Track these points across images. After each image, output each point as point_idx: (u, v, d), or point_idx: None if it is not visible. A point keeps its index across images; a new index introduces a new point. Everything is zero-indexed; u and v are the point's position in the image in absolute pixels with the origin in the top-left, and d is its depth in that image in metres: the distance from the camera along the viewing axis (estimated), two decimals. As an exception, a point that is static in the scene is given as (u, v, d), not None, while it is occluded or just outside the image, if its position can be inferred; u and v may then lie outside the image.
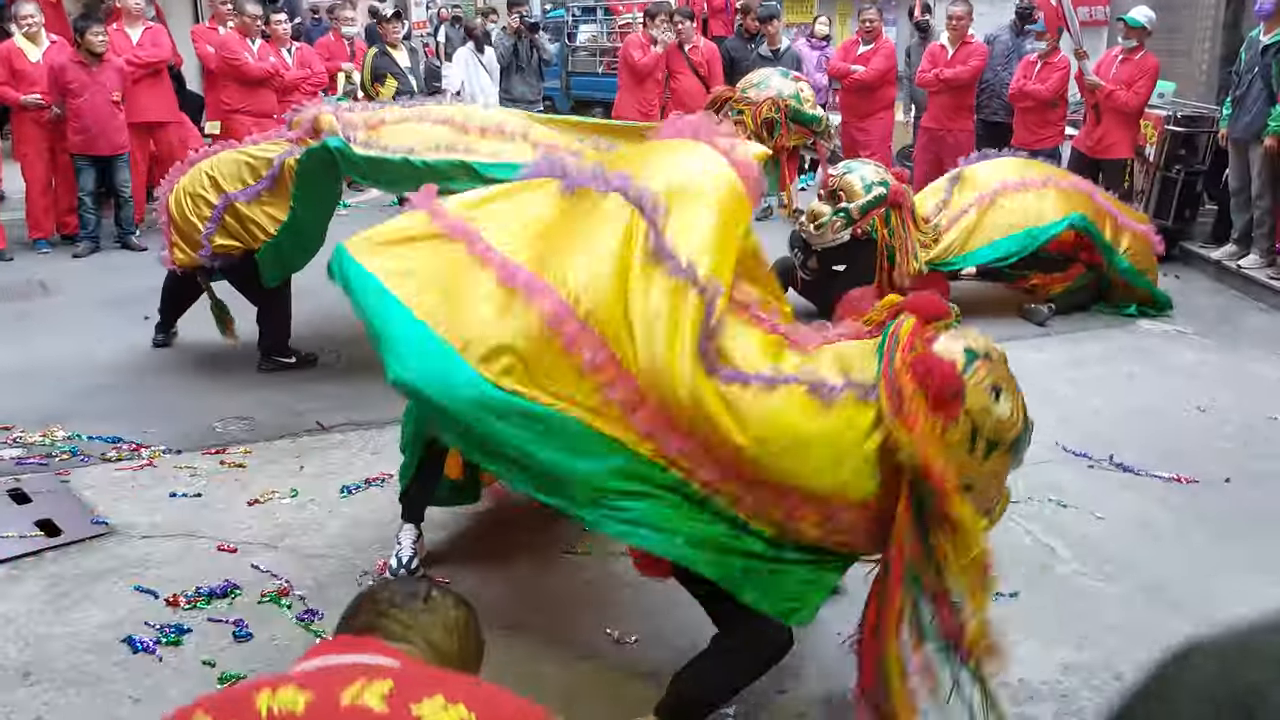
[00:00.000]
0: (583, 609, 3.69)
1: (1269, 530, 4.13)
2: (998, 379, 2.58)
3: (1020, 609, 3.62)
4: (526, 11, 10.94)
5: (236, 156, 5.64)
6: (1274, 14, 7.47)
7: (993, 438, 2.56)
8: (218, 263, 5.70)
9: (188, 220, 5.60)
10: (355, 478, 4.67)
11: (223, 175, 5.59)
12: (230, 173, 5.58)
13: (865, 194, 6.63)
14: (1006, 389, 2.59)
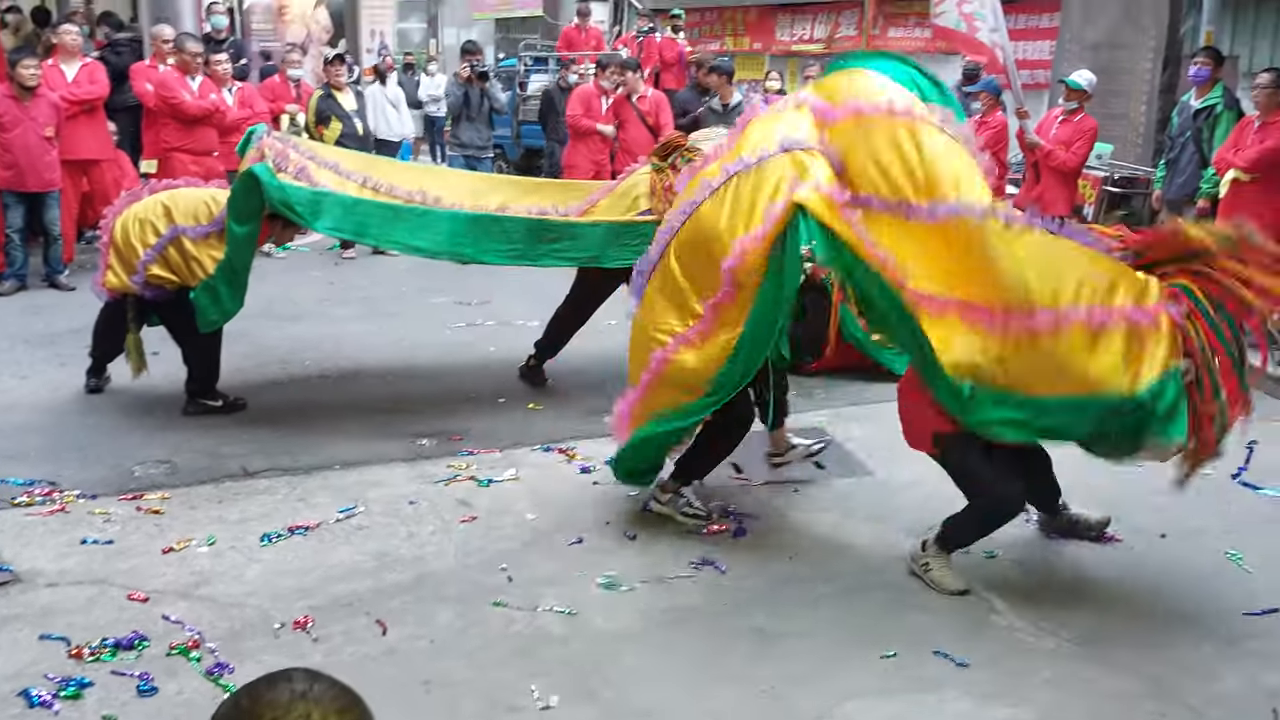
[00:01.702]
0: (507, 663, 3.56)
1: (1201, 585, 4.10)
2: None
3: (953, 664, 3.55)
4: (478, 61, 10.93)
5: (199, 194, 5.63)
6: (1208, 80, 7.64)
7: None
8: (148, 293, 5.56)
9: (129, 244, 5.48)
10: (278, 525, 4.52)
11: (178, 208, 5.54)
12: (187, 208, 5.54)
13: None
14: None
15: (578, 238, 5.86)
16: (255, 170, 5.21)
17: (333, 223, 5.44)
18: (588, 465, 5.22)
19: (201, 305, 5.47)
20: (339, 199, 5.44)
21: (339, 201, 5.42)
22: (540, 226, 5.81)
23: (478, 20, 21.83)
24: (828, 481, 5.14)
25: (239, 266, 5.43)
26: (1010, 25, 11.69)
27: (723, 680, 3.49)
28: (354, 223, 5.50)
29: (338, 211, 5.40)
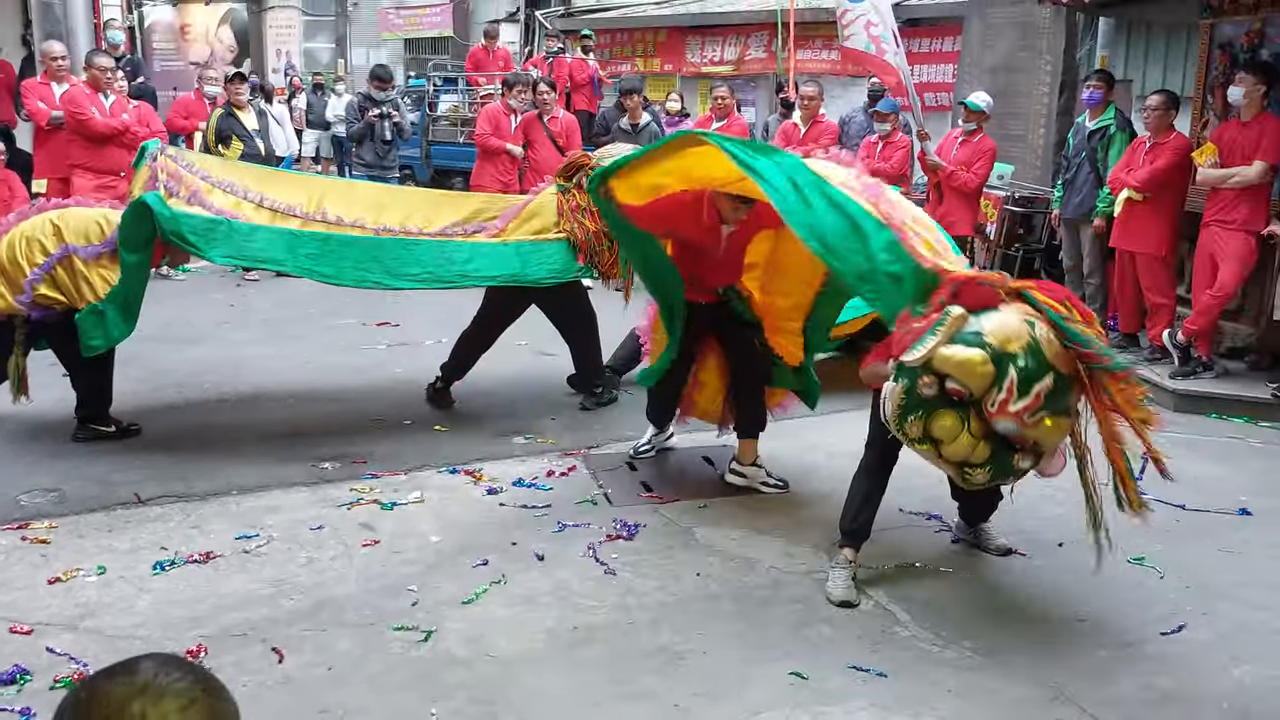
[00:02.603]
0: (407, 688, 3.47)
1: (1097, 593, 4.18)
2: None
3: (858, 675, 3.56)
4: (385, 99, 10.69)
5: (91, 213, 5.44)
6: (1100, 102, 7.88)
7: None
8: (36, 314, 5.35)
9: (15, 262, 5.27)
10: (171, 554, 4.36)
11: (68, 227, 5.34)
12: (78, 227, 5.35)
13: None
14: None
15: (491, 256, 5.79)
16: (146, 199, 5.09)
17: (228, 251, 5.30)
18: (494, 487, 5.15)
19: (85, 329, 5.28)
20: (234, 227, 5.30)
21: (235, 229, 5.29)
22: (450, 249, 5.73)
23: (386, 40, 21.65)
24: (737, 497, 5.14)
25: (131, 294, 5.28)
26: (915, 49, 12.02)
27: (629, 699, 3.45)
28: (252, 251, 5.36)
29: (235, 240, 5.26)
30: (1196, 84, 7.93)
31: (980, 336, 3.62)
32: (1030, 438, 3.68)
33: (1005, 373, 3.57)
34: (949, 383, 3.63)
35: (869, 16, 8.56)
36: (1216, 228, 6.92)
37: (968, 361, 3.59)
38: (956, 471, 3.81)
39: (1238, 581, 4.31)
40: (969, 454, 3.71)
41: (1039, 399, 3.57)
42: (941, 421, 3.68)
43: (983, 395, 3.62)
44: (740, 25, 14.91)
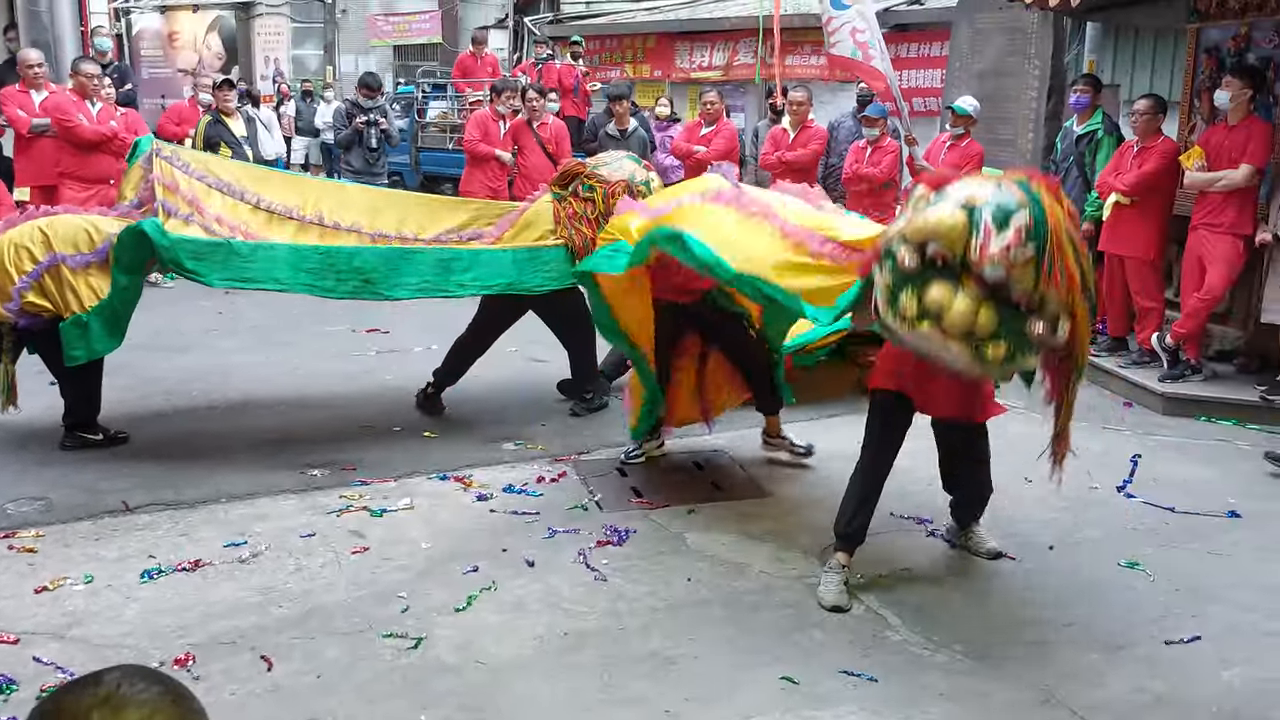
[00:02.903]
0: (396, 696, 3.45)
1: (1088, 596, 4.18)
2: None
3: (849, 680, 3.56)
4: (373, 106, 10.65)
5: (79, 222, 5.41)
6: (1088, 107, 7.91)
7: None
8: (23, 322, 5.32)
9: (4, 270, 5.24)
10: (159, 562, 4.34)
11: (57, 235, 5.31)
12: (67, 236, 5.32)
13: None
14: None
15: (489, 264, 5.78)
16: (144, 226, 5.07)
17: (227, 275, 5.26)
18: (484, 493, 5.14)
19: (69, 339, 5.23)
20: (233, 248, 5.25)
21: (234, 251, 5.24)
22: (450, 256, 5.72)
23: (375, 47, 21.62)
24: (726, 503, 5.14)
25: (118, 311, 5.26)
26: (903, 54, 12.06)
27: (620, 705, 3.44)
28: (251, 273, 5.29)
29: (234, 264, 5.21)
30: (1184, 88, 7.95)
31: (945, 198, 3.56)
32: (1025, 287, 3.46)
33: (978, 217, 3.45)
34: (929, 248, 3.52)
35: (854, 23, 8.58)
36: (1204, 231, 6.94)
37: (938, 219, 3.50)
38: (970, 352, 3.55)
39: (1227, 584, 4.31)
40: (972, 321, 3.49)
41: (1020, 234, 3.40)
42: (933, 292, 3.52)
43: (964, 250, 3.48)
44: (729, 31, 14.93)
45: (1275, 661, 3.74)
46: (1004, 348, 3.52)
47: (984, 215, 3.43)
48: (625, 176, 6.06)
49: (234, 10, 22.86)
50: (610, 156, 6.44)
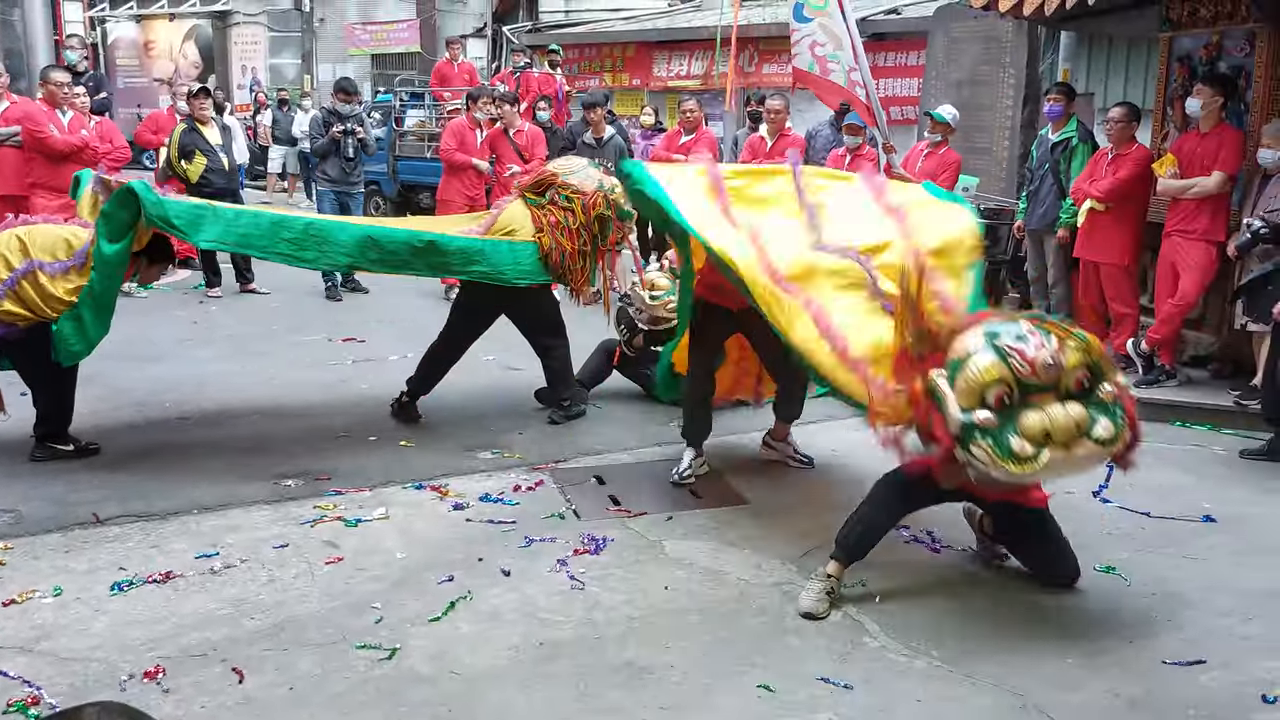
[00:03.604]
0: (370, 707, 3.41)
1: (1064, 601, 4.18)
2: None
3: (827, 686, 3.54)
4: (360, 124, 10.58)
5: (58, 231, 5.37)
6: (1061, 115, 7.96)
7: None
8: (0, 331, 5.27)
9: None
10: (130, 574, 4.28)
11: (35, 243, 5.27)
12: (44, 244, 5.28)
13: None
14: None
15: (466, 250, 5.75)
16: (133, 185, 5.08)
17: (214, 235, 5.29)
18: (460, 502, 5.10)
19: (65, 334, 5.21)
20: (220, 212, 5.32)
21: (220, 215, 5.30)
22: (427, 239, 5.70)
23: (353, 56, 21.57)
24: (704, 510, 5.12)
25: (106, 290, 5.23)
26: (880, 63, 12.11)
27: (594, 714, 3.41)
28: (236, 235, 5.35)
29: (220, 223, 5.26)
30: (1156, 96, 8.01)
31: (956, 360, 3.81)
32: (1077, 365, 3.76)
33: (1000, 347, 3.75)
34: (989, 395, 3.73)
35: (815, 37, 8.55)
36: (1178, 238, 6.98)
37: (977, 372, 3.74)
38: (1096, 448, 3.76)
39: (1203, 588, 4.32)
40: (1070, 422, 3.70)
41: (1034, 332, 3.77)
42: (1028, 424, 3.71)
43: (1014, 376, 3.73)
44: (707, 40, 14.96)
45: (1251, 665, 3.74)
46: (1108, 423, 3.76)
47: (1004, 340, 3.77)
48: (598, 187, 6.07)
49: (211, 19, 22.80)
50: (574, 165, 6.43)
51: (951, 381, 3.80)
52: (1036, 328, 3.82)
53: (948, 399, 3.78)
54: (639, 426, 6.40)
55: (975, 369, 3.76)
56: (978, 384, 3.75)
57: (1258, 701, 3.51)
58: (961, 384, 3.78)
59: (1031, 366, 3.72)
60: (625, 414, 6.62)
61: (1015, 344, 3.75)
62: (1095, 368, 3.81)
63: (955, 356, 3.83)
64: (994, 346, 3.77)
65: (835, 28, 8.41)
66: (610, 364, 6.99)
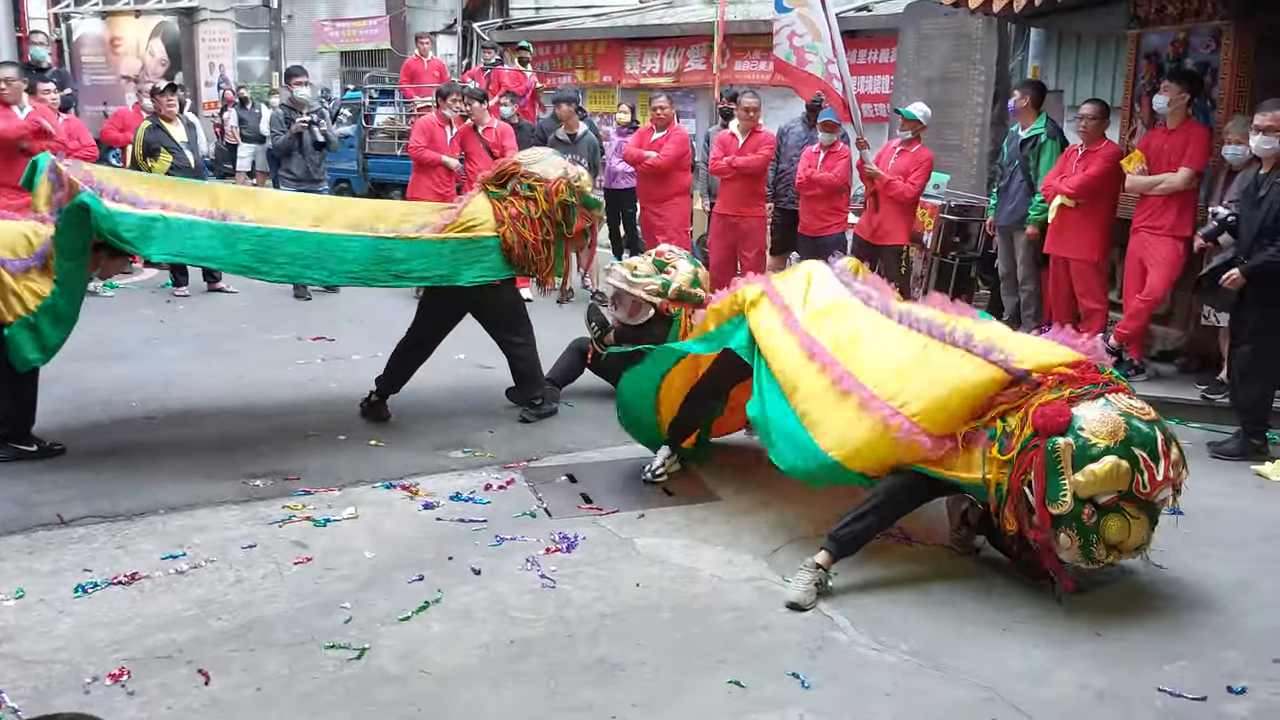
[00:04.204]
0: (339, 707, 3.39)
1: (1032, 595, 4.20)
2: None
3: (797, 681, 3.54)
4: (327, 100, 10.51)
5: (18, 227, 5.29)
6: (1018, 112, 8.01)
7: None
8: None
9: None
10: (95, 575, 4.23)
11: None
12: (5, 241, 5.22)
13: (690, 285, 6.66)
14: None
15: (426, 256, 5.74)
16: (83, 198, 4.98)
17: (166, 249, 5.22)
18: (431, 501, 5.07)
19: (19, 342, 5.15)
20: (170, 224, 5.21)
21: (171, 226, 5.20)
22: (386, 246, 5.67)
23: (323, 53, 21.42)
24: (676, 507, 5.11)
25: (67, 303, 5.18)
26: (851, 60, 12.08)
27: (566, 712, 3.40)
28: (190, 247, 5.29)
29: (172, 237, 5.19)
30: (1125, 93, 8.08)
31: (1094, 445, 3.85)
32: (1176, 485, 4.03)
33: (1135, 457, 3.85)
34: (1101, 499, 3.85)
35: (793, 26, 8.58)
36: (1145, 234, 7.04)
37: (1108, 472, 3.83)
38: (1138, 554, 4.07)
39: (1170, 580, 4.35)
40: (1143, 535, 3.98)
41: (1166, 454, 3.92)
42: (1112, 527, 3.90)
43: (1131, 487, 3.86)
44: (679, 37, 14.98)
45: (1217, 656, 3.77)
46: (1147, 535, 4.03)
47: (1139, 454, 3.86)
48: (561, 174, 6.05)
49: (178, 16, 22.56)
50: (539, 154, 6.41)
51: (1077, 462, 3.84)
52: (1174, 449, 3.94)
53: (1064, 481, 3.85)
54: (611, 425, 6.35)
55: (1106, 469, 3.81)
56: (1102, 484, 3.83)
57: (1223, 692, 3.53)
58: (1082, 477, 3.83)
59: (1152, 490, 3.86)
60: (597, 412, 6.60)
61: (1149, 457, 3.87)
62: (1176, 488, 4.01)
63: (1091, 434, 3.85)
64: (1132, 454, 3.84)
65: (814, 19, 8.44)
66: (583, 362, 6.97)
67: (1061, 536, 3.89)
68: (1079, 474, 3.82)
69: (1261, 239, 5.79)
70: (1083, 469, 3.82)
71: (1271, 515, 5.12)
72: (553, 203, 5.98)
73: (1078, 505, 3.84)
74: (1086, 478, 3.82)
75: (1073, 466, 3.83)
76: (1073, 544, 3.88)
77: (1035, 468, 3.89)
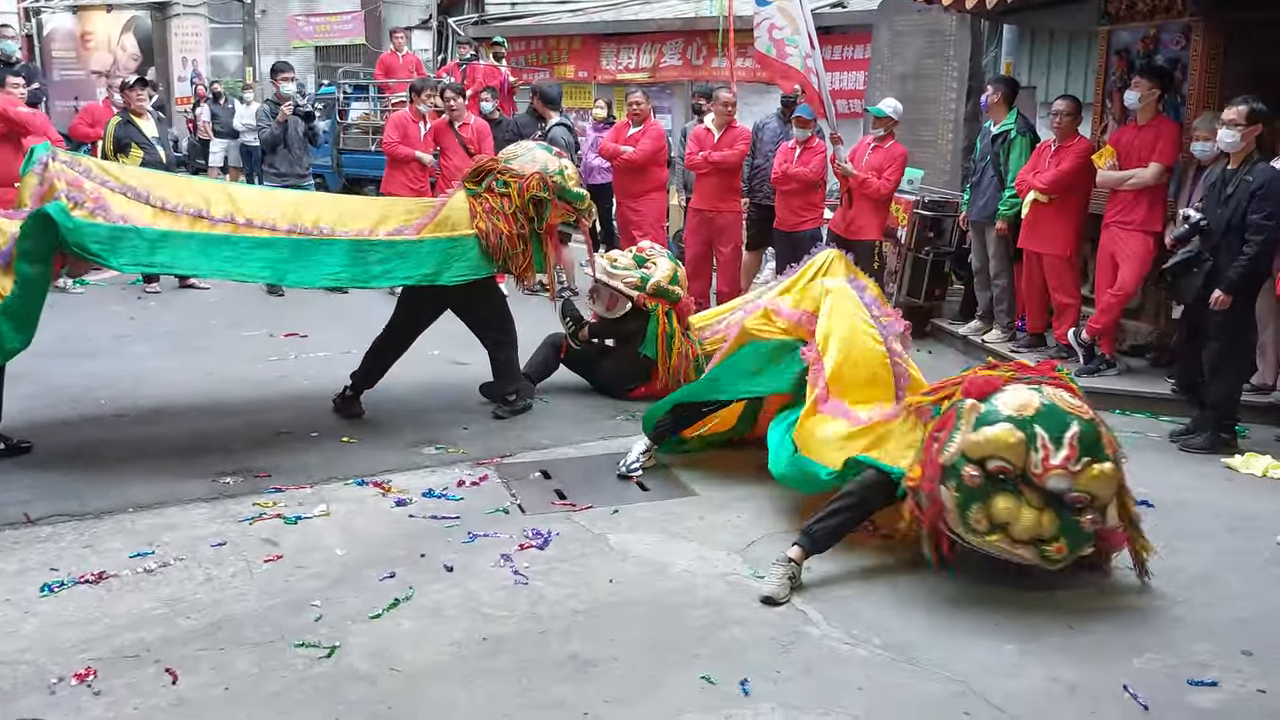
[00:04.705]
0: (308, 706, 3.36)
1: (1004, 588, 4.22)
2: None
3: (769, 676, 3.54)
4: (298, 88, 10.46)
5: None
6: (990, 108, 8.05)
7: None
8: None
9: None
10: (62, 574, 4.18)
11: None
12: None
13: (669, 281, 6.67)
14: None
15: (406, 256, 5.70)
16: (49, 210, 4.90)
17: (134, 260, 5.16)
18: (403, 498, 5.04)
19: None
20: (141, 234, 5.13)
21: (142, 236, 5.11)
22: (365, 247, 5.63)
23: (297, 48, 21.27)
24: (651, 503, 5.11)
25: (27, 307, 5.08)
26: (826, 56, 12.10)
27: (538, 709, 3.38)
28: (160, 259, 5.23)
29: (141, 249, 5.10)
30: (1096, 89, 8.12)
31: (998, 412, 3.92)
32: (1085, 490, 3.89)
33: (1034, 434, 3.85)
34: (990, 464, 3.87)
35: (773, 19, 8.60)
36: (1116, 229, 7.08)
37: (998, 437, 3.87)
38: (1036, 554, 3.96)
39: (1140, 573, 4.39)
40: (1037, 528, 3.90)
41: (1074, 446, 3.85)
42: (1000, 504, 3.89)
43: (1025, 464, 3.86)
44: (655, 33, 14.96)
45: (1184, 648, 3.80)
46: (1065, 546, 3.93)
47: (1039, 432, 3.85)
48: (539, 169, 6.03)
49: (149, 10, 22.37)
50: (521, 148, 6.40)
51: (977, 423, 3.91)
52: (1082, 443, 3.86)
53: (958, 435, 3.92)
54: (585, 421, 6.37)
55: (998, 433, 3.87)
56: (989, 449, 3.88)
57: (1191, 684, 3.56)
58: (978, 436, 3.89)
59: (1044, 472, 3.84)
60: (572, 408, 6.59)
61: (1050, 443, 3.84)
62: (1097, 497, 3.92)
63: (1001, 404, 3.92)
64: (1031, 429, 3.85)
65: (793, 12, 8.46)
66: (557, 358, 6.95)
67: (943, 490, 3.94)
68: (974, 433, 3.90)
69: (1229, 236, 5.84)
70: (978, 430, 3.90)
71: (1239, 508, 5.16)
72: (524, 197, 5.96)
73: (961, 461, 3.90)
74: (977, 437, 3.89)
75: (973, 427, 3.92)
76: (952, 501, 3.92)
77: (946, 424, 4.01)
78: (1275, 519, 4.94)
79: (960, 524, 3.97)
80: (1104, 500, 3.97)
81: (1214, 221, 5.93)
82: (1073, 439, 3.85)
